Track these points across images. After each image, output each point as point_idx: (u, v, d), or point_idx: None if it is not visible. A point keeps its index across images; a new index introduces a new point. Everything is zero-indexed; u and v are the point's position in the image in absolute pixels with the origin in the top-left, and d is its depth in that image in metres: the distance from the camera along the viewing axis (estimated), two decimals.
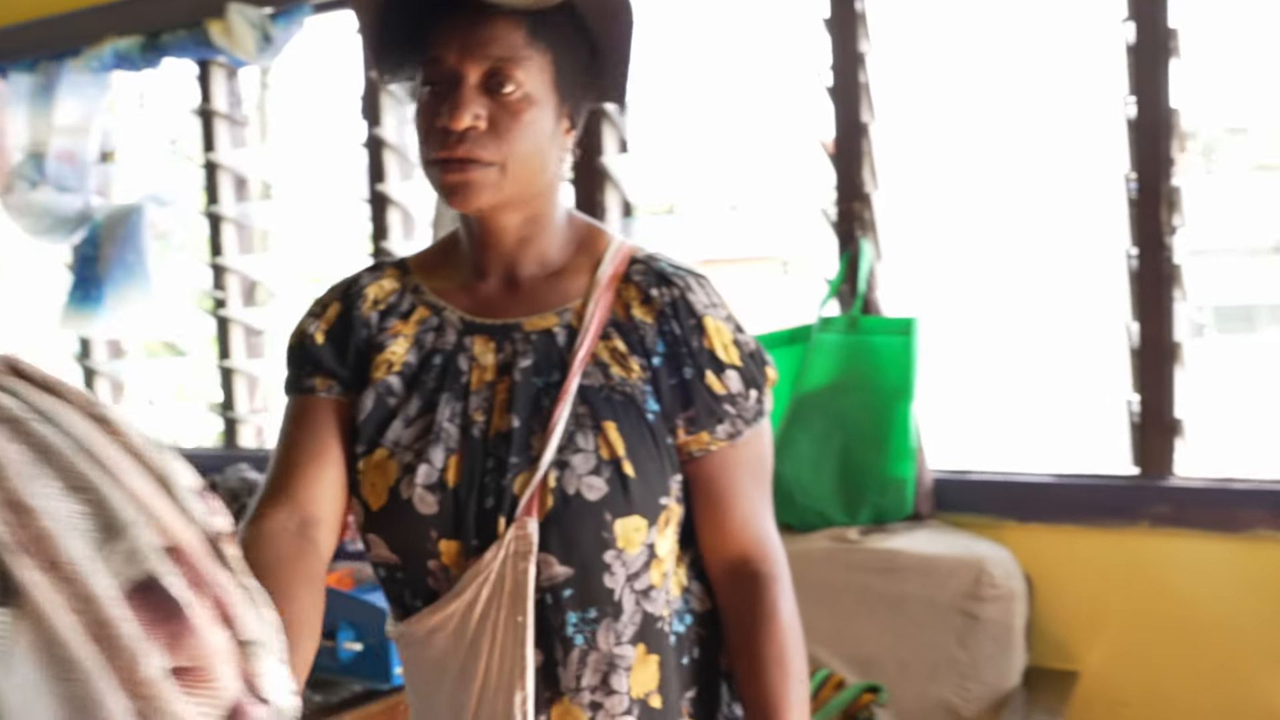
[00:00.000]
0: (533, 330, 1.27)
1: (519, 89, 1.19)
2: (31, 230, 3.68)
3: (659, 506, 1.23)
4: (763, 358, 1.30)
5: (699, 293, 1.27)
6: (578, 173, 2.93)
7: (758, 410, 1.29)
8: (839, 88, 2.60)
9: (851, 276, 2.57)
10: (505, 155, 1.19)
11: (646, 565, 1.24)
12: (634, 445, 1.22)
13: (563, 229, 1.31)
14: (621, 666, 1.23)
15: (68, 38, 3.58)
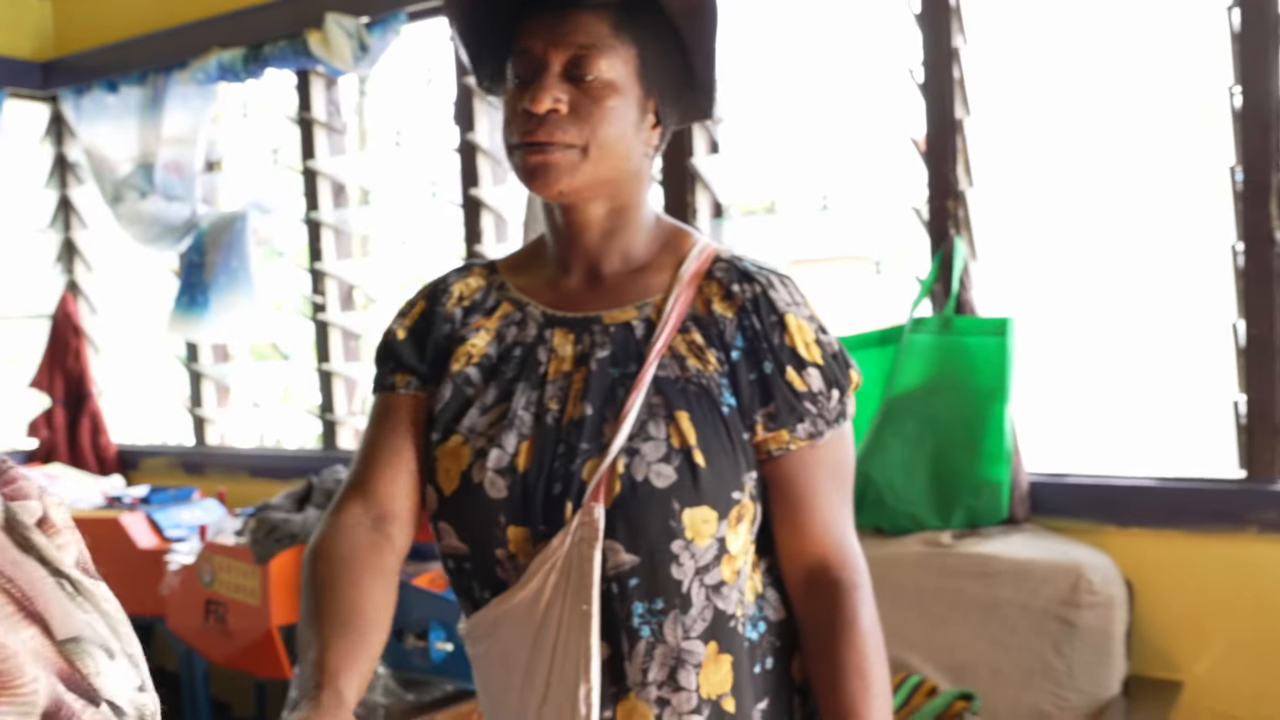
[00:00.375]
0: (612, 323, 1.27)
1: (601, 76, 1.21)
2: (140, 238, 3.80)
3: (730, 500, 1.21)
4: (846, 360, 1.27)
5: (781, 290, 1.26)
6: (668, 174, 2.93)
7: (840, 411, 1.26)
8: (931, 83, 2.56)
9: (944, 276, 2.53)
10: (586, 138, 1.20)
11: (717, 559, 1.21)
12: (706, 436, 1.20)
13: (649, 227, 1.32)
14: (690, 663, 1.20)
15: (174, 51, 3.69)
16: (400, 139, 3.45)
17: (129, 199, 3.77)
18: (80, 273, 4.27)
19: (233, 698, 3.56)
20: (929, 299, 2.55)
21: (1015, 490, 2.42)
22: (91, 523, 3.30)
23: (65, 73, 4.06)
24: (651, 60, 1.25)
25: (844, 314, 2.80)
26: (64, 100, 4.08)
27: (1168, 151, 2.50)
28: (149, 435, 4.29)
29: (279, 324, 3.99)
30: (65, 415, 4.08)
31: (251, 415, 4.12)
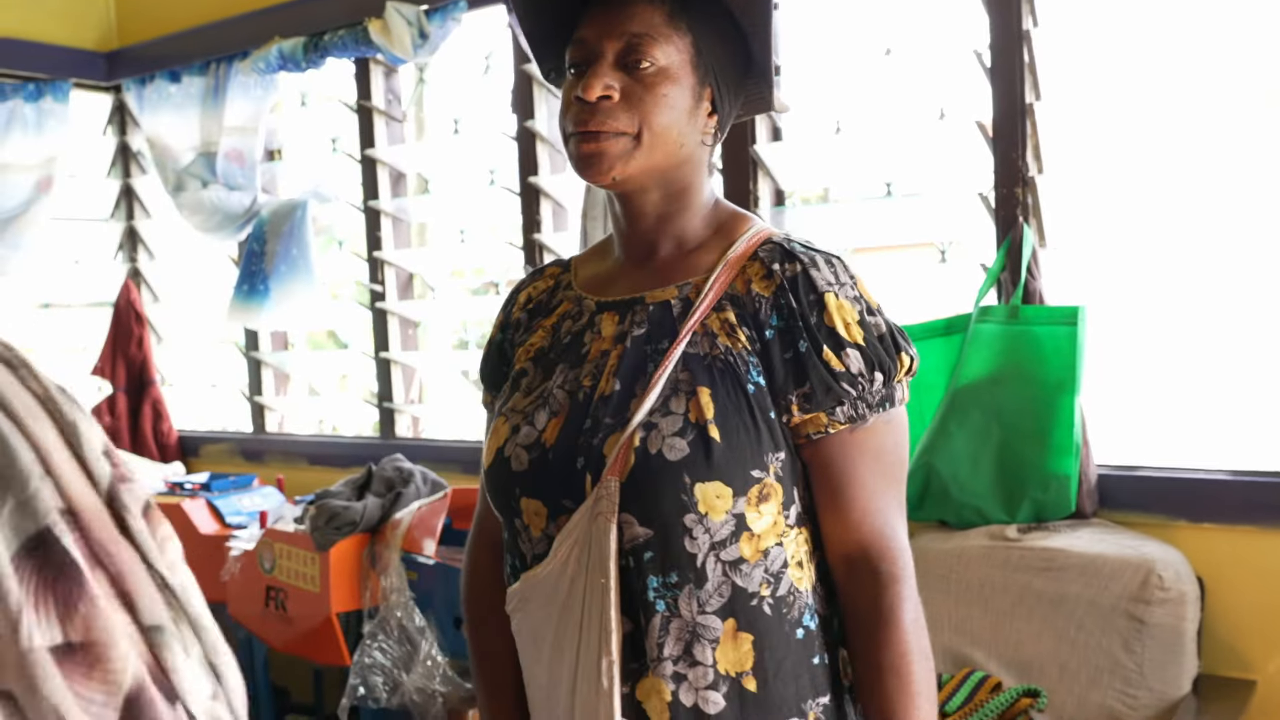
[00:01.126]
0: (653, 302, 1.28)
1: (654, 65, 1.22)
2: (202, 227, 3.83)
3: (749, 478, 1.20)
4: (896, 343, 1.23)
5: (824, 270, 1.23)
6: (728, 162, 2.89)
7: (884, 396, 1.22)
8: (999, 67, 2.51)
9: (1012, 264, 2.48)
10: (638, 125, 1.21)
11: (734, 536, 1.20)
12: (725, 411, 1.19)
13: (705, 212, 1.31)
14: (706, 638, 1.19)
15: (236, 41, 3.71)
16: (459, 127, 3.44)
17: (190, 188, 3.80)
18: (143, 261, 4.31)
19: (291, 684, 3.58)
20: (996, 288, 2.50)
21: (1083, 483, 2.37)
22: None
23: (128, 63, 4.10)
24: (707, 48, 1.25)
25: (908, 302, 2.75)
26: (127, 90, 4.12)
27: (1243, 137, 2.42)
28: (209, 422, 4.32)
29: (338, 312, 4.01)
30: (127, 402, 4.12)
31: (310, 403, 4.15)
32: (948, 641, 2.35)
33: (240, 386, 4.08)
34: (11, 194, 3.85)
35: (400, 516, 2.82)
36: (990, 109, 2.53)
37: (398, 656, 2.65)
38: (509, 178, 3.33)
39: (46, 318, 4.27)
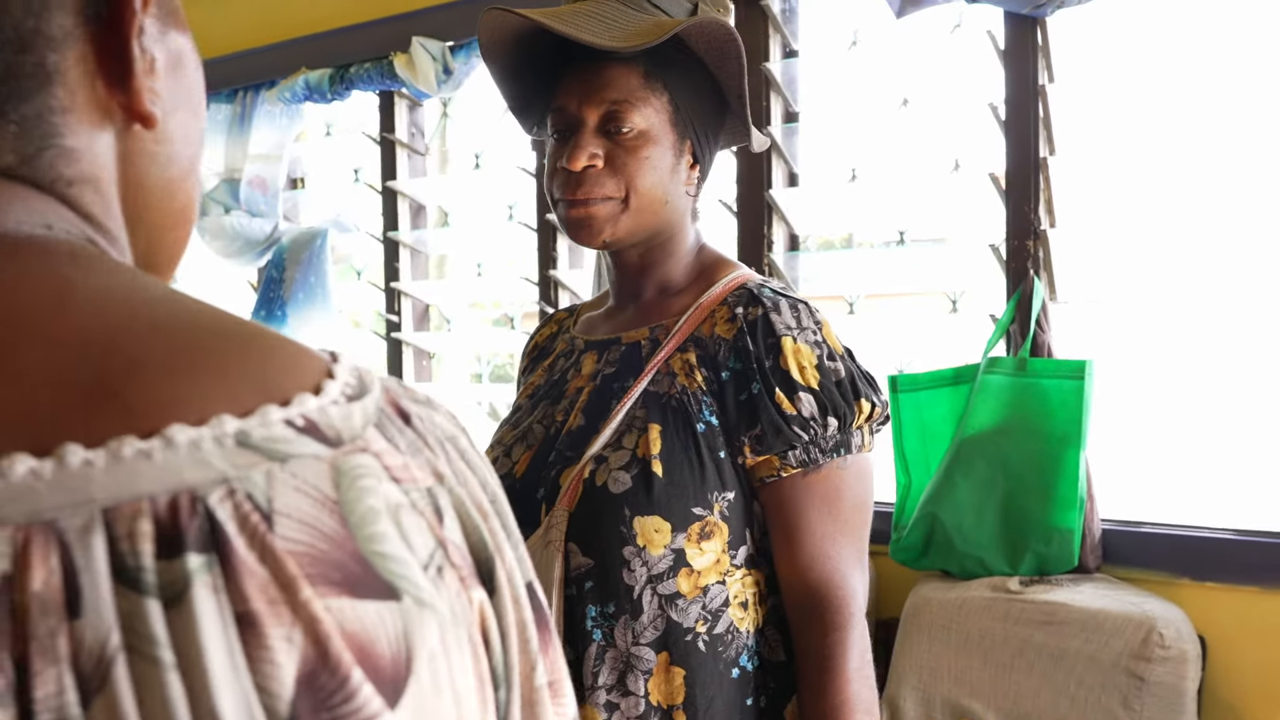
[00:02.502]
0: (627, 342, 1.34)
1: (634, 129, 1.27)
2: (223, 252, 3.87)
3: (689, 514, 1.22)
4: (856, 389, 1.24)
5: (785, 315, 1.25)
6: (743, 206, 2.92)
7: (839, 442, 1.23)
8: (1014, 121, 2.53)
9: (1022, 316, 2.49)
10: (624, 189, 1.27)
11: (673, 571, 1.22)
12: (671, 449, 1.22)
13: (688, 258, 1.36)
14: (639, 669, 1.21)
15: (263, 71, 3.77)
16: (480, 161, 3.49)
17: (214, 213, 3.84)
18: None
19: None
20: (1005, 339, 2.52)
21: (1087, 538, 2.37)
22: None
23: None
24: (684, 103, 1.29)
25: (918, 350, 2.76)
26: None
27: (1256, 197, 2.44)
28: None
29: (354, 341, 4.04)
30: None
31: None
32: (947, 692, 2.35)
33: None
34: None
35: None
36: (1004, 161, 2.55)
37: None
38: (527, 213, 3.36)
39: None
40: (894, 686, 2.44)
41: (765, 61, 2.88)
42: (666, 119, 1.28)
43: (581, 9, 1.25)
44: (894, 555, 2.55)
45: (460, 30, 3.29)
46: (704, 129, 1.33)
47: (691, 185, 1.34)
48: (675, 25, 1.21)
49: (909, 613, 2.47)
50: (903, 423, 2.57)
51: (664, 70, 1.28)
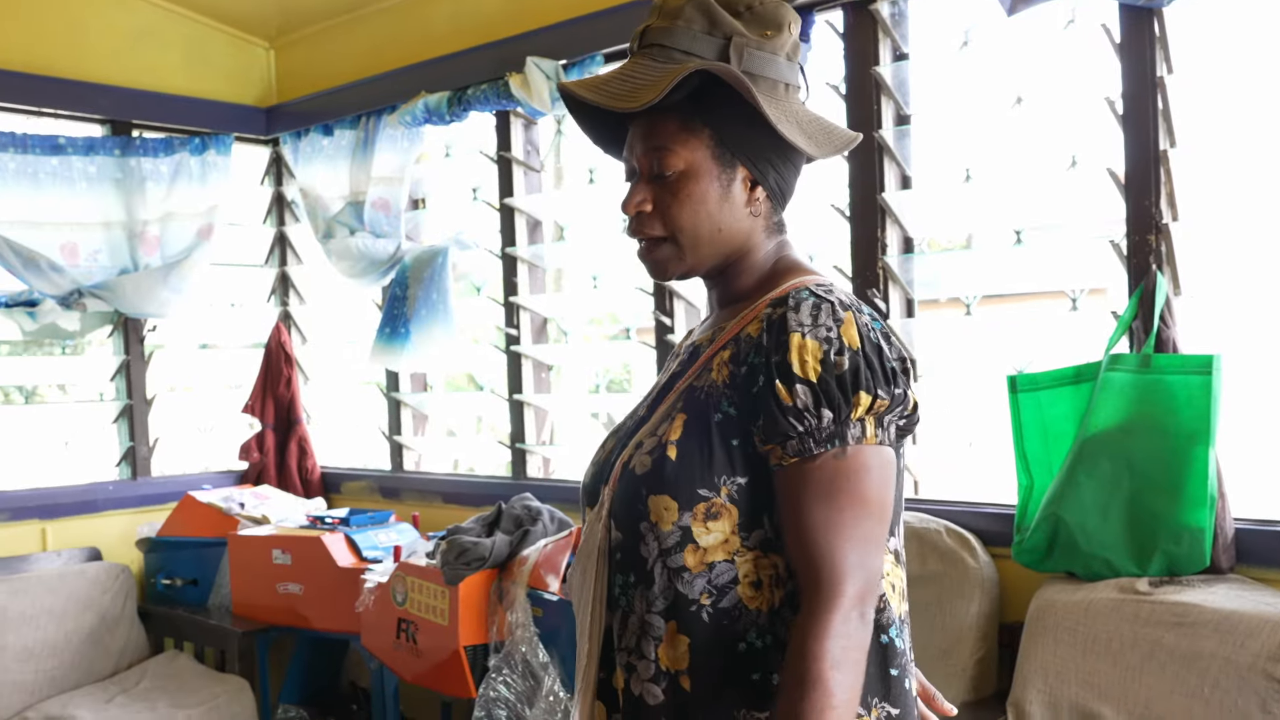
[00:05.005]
0: (699, 344, 1.44)
1: (675, 171, 1.36)
2: (349, 272, 3.99)
3: (695, 495, 1.30)
4: (858, 382, 1.25)
5: (803, 313, 1.29)
6: (856, 209, 2.92)
7: (833, 433, 1.26)
8: (1132, 114, 2.48)
9: (1145, 312, 2.44)
10: (671, 229, 1.37)
11: (679, 546, 1.30)
12: (689, 436, 1.31)
13: (760, 271, 1.42)
14: (651, 635, 1.32)
15: (384, 96, 3.88)
16: (594, 176, 3.54)
17: (339, 235, 3.97)
18: (293, 305, 4.51)
19: (420, 716, 3.66)
20: (1127, 336, 2.46)
21: (1219, 537, 2.30)
22: (295, 540, 3.46)
23: (285, 118, 4.32)
24: (730, 134, 1.37)
25: (1037, 349, 2.72)
26: (284, 143, 4.35)
27: None
28: (351, 460, 4.48)
29: (475, 355, 4.12)
30: (275, 439, 4.30)
31: (447, 443, 4.26)
32: (1074, 695, 2.30)
33: (381, 426, 4.22)
34: (176, 241, 4.08)
35: (527, 553, 2.89)
36: (1123, 156, 2.50)
37: (521, 691, 2.71)
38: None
39: (204, 358, 4.50)
40: (1019, 690, 2.40)
41: (875, 65, 2.87)
42: (708, 154, 1.37)
43: (619, 70, 1.38)
44: (1017, 557, 2.51)
45: (572, 48, 3.35)
46: (757, 151, 1.38)
47: (755, 205, 1.40)
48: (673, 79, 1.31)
49: (1034, 615, 2.43)
50: (1023, 423, 2.53)
51: (703, 108, 1.36)
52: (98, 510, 4.00)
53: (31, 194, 3.85)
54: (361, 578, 3.23)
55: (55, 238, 3.88)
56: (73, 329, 4.07)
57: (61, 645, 3.64)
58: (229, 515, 3.79)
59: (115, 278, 3.94)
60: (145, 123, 4.16)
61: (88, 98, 4.00)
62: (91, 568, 3.81)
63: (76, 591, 3.71)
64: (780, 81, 1.38)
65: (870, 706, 1.30)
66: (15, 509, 3.83)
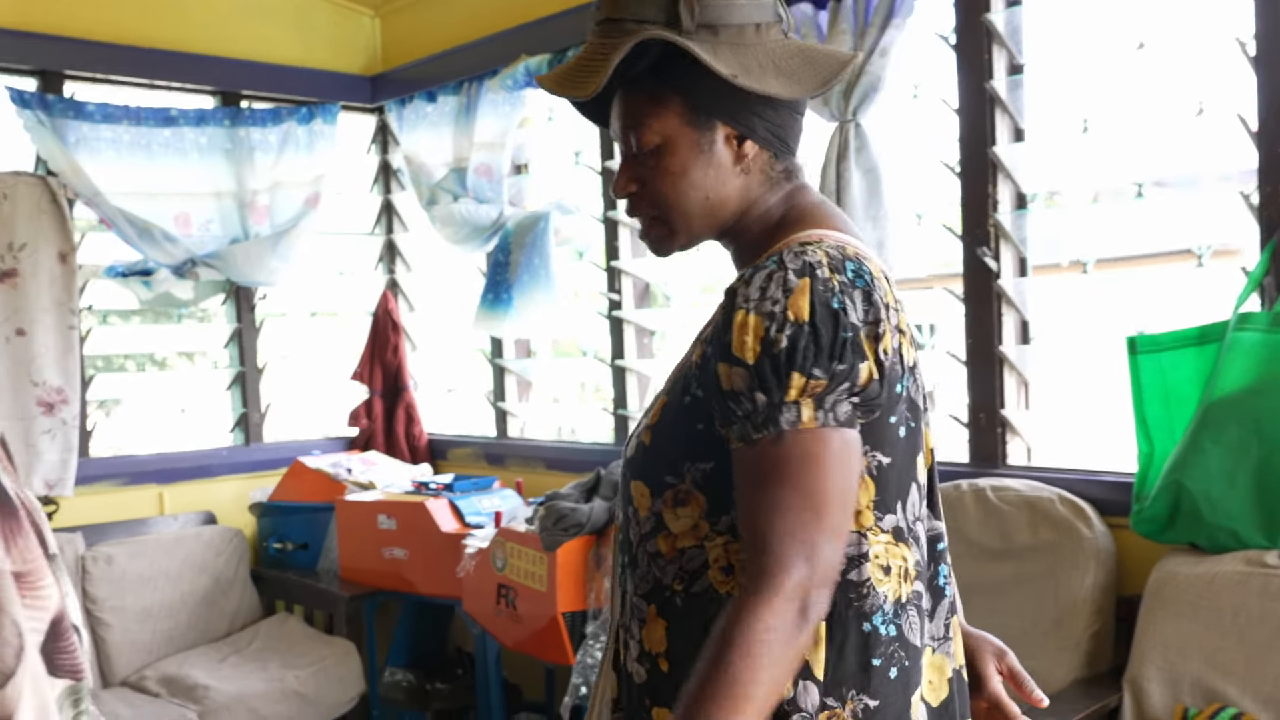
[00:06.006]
0: None
1: (649, 145, 1.29)
2: (452, 239, 3.99)
3: (663, 481, 1.26)
4: (793, 362, 1.14)
5: (754, 285, 1.18)
6: (966, 164, 2.79)
7: (768, 417, 1.15)
8: (1265, 56, 2.32)
9: (1277, 268, 2.28)
10: (658, 207, 1.32)
11: (655, 532, 1.28)
12: (665, 420, 1.28)
13: (768, 223, 1.32)
14: (638, 616, 1.31)
15: (486, 60, 3.86)
16: None
17: (443, 201, 3.97)
18: (400, 272, 4.54)
19: (524, 681, 3.67)
20: (1258, 293, 2.31)
21: None
22: (400, 506, 3.48)
23: (390, 85, 4.33)
24: (702, 94, 1.27)
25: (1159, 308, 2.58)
26: (389, 111, 4.36)
27: None
28: (457, 426, 4.50)
29: (578, 321, 4.10)
30: (383, 406, 4.34)
31: (550, 409, 4.25)
32: (1196, 673, 2.18)
33: (485, 392, 4.23)
34: (284, 210, 4.12)
35: None
36: (1255, 101, 2.34)
37: None
38: None
39: (313, 326, 4.55)
40: (1136, 666, 2.28)
41: (986, 13, 2.74)
42: (680, 122, 1.29)
43: (579, 54, 1.30)
44: (1136, 528, 2.38)
45: None
46: (737, 106, 1.28)
47: (746, 162, 1.30)
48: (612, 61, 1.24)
49: (1153, 589, 2.31)
50: (1143, 387, 2.40)
51: (669, 75, 1.28)
52: (212, 475, 4.08)
53: (146, 165, 3.92)
54: (463, 543, 3.23)
55: (169, 208, 3.95)
56: (186, 297, 4.16)
57: (178, 606, 3.73)
58: (337, 481, 3.83)
59: (226, 247, 4.00)
60: (254, 93, 4.21)
61: (198, 69, 4.06)
62: (206, 531, 3.90)
63: (192, 554, 3.80)
64: (747, 24, 1.27)
65: (845, 699, 1.19)
66: (134, 473, 3.92)
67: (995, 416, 2.82)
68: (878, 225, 2.87)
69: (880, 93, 2.84)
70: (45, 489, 3.61)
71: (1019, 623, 2.54)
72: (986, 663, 1.40)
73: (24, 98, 3.65)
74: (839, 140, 2.89)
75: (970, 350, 2.86)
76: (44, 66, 3.76)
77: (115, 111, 3.83)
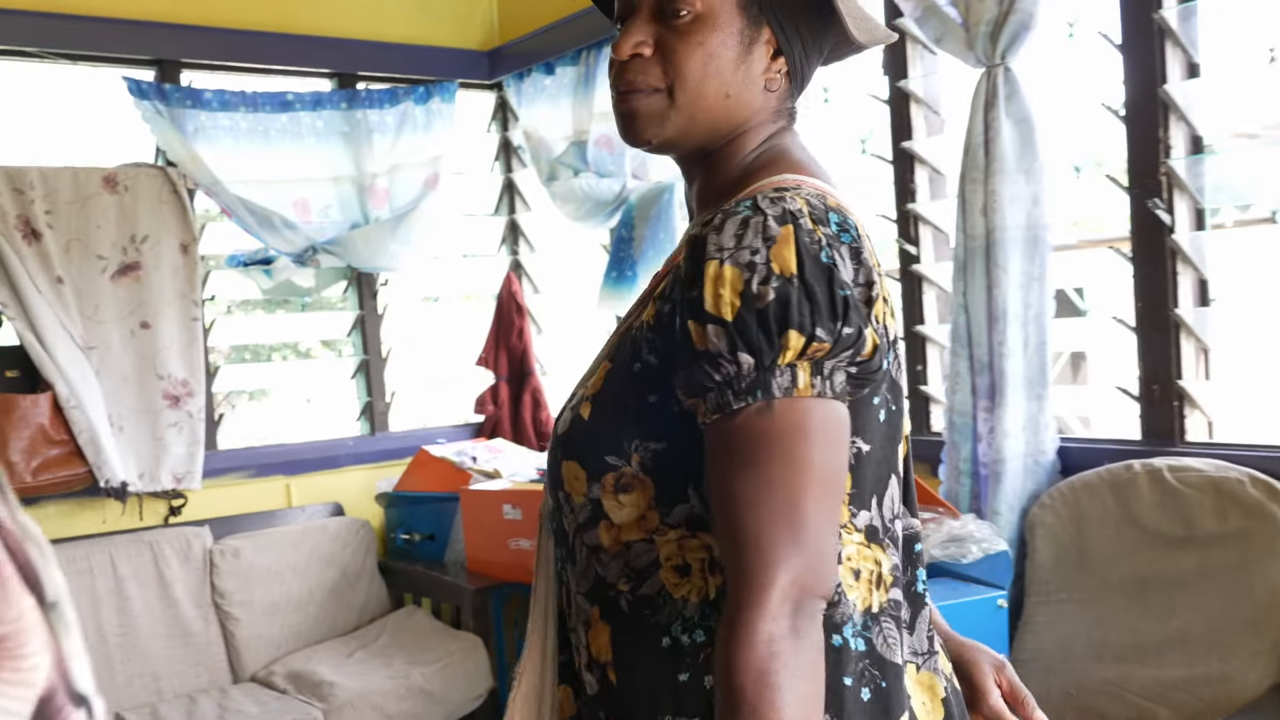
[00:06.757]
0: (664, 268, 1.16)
1: (691, 11, 1.10)
2: (574, 215, 3.83)
3: (603, 463, 1.07)
4: (787, 319, 0.96)
5: (726, 234, 1.00)
6: (1133, 107, 2.50)
7: (755, 382, 0.97)
8: None
9: None
10: (670, 79, 1.11)
11: (593, 522, 1.09)
12: (607, 390, 1.09)
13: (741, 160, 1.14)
14: (581, 619, 1.13)
15: (604, 26, 3.67)
16: (828, 95, 3.23)
17: (563, 176, 3.81)
18: (523, 253, 4.40)
19: None
20: None
21: None
22: (525, 495, 3.34)
23: (508, 60, 4.19)
24: None
25: None
26: (507, 87, 4.22)
27: None
28: None
29: None
30: (509, 391, 4.21)
31: None
32: None
33: None
34: (403, 193, 4.02)
35: None
36: None
37: None
38: (881, 144, 3.08)
39: (436, 311, 4.45)
40: None
41: None
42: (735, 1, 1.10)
43: None
44: None
45: None
46: (790, 14, 1.12)
47: (774, 81, 1.13)
48: None
49: None
50: None
51: None
52: (339, 466, 4.01)
53: (263, 151, 3.85)
54: None
55: (287, 194, 3.88)
56: (308, 286, 4.08)
57: (305, 600, 3.66)
58: (461, 470, 3.71)
59: (346, 232, 3.91)
60: (370, 74, 4.11)
61: (313, 52, 3.98)
62: (334, 523, 3.83)
63: (319, 547, 3.73)
64: None
65: None
66: (261, 465, 3.87)
67: (1171, 388, 2.53)
68: (1031, 179, 2.60)
69: (1032, 32, 2.56)
70: (173, 482, 3.58)
71: (1205, 621, 2.26)
72: (985, 675, 1.22)
73: (142, 88, 3.60)
74: (986, 87, 2.62)
75: (1141, 315, 2.57)
76: (161, 56, 3.72)
77: (232, 98, 3.77)
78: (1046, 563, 2.57)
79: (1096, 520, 2.51)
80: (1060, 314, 2.72)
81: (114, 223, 3.53)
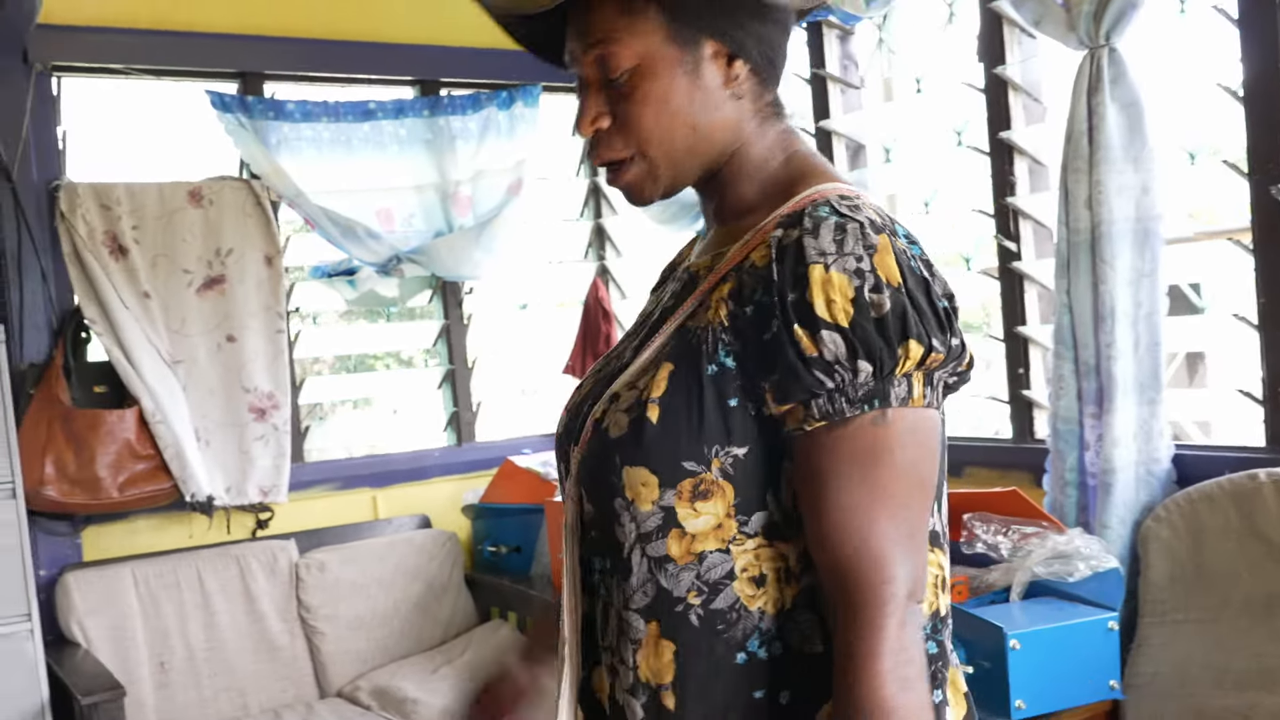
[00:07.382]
0: (693, 270, 1.16)
1: (624, 67, 1.10)
2: (658, 218, 3.76)
3: (680, 469, 1.04)
4: (906, 328, 0.97)
5: (824, 238, 0.99)
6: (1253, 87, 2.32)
7: (872, 390, 0.98)
8: None
9: None
10: (636, 143, 1.11)
11: (662, 531, 1.05)
12: (674, 392, 1.05)
13: (764, 171, 1.13)
14: (630, 636, 1.08)
15: None
16: (921, 85, 3.08)
17: None
18: (610, 258, 4.31)
19: None
20: None
21: None
22: None
23: None
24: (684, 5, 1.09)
25: None
26: None
27: None
28: None
29: None
30: None
31: None
32: None
33: None
34: (487, 199, 3.96)
35: None
36: None
37: None
38: (978, 135, 2.92)
39: (523, 319, 4.37)
40: None
41: None
42: (662, 37, 1.09)
43: None
44: None
45: None
46: (725, 14, 1.09)
47: (736, 85, 1.11)
48: None
49: None
50: None
51: None
52: (426, 477, 3.96)
53: (346, 161, 3.83)
54: None
55: (370, 204, 3.84)
56: (392, 295, 4.05)
57: (391, 614, 3.62)
58: (547, 480, 3.63)
59: (430, 241, 3.87)
60: (452, 80, 4.06)
61: (395, 60, 3.94)
62: (419, 535, 3.78)
63: (405, 560, 3.68)
64: None
65: None
66: (346, 478, 3.84)
67: None
68: (1140, 168, 2.42)
69: (1139, 9, 2.38)
70: (259, 495, 3.57)
71: None
72: None
73: (224, 101, 3.60)
74: (1090, 70, 2.45)
75: (1264, 311, 2.38)
76: (244, 68, 3.72)
77: (314, 109, 3.75)
78: (1161, 580, 2.39)
79: (1217, 534, 2.32)
80: (1174, 312, 2.54)
81: (199, 237, 3.53)
